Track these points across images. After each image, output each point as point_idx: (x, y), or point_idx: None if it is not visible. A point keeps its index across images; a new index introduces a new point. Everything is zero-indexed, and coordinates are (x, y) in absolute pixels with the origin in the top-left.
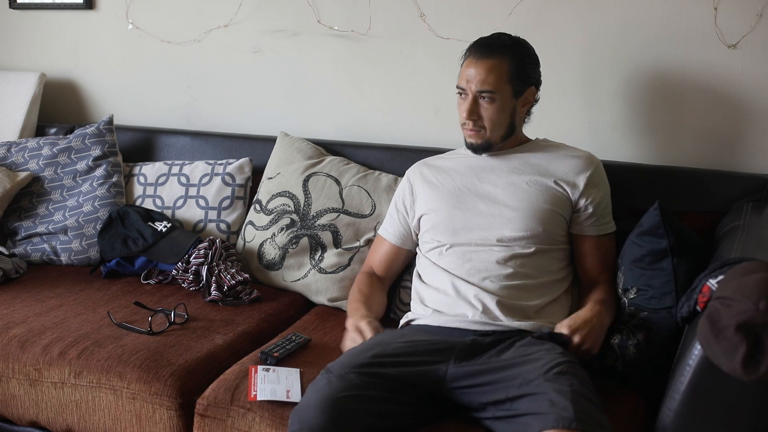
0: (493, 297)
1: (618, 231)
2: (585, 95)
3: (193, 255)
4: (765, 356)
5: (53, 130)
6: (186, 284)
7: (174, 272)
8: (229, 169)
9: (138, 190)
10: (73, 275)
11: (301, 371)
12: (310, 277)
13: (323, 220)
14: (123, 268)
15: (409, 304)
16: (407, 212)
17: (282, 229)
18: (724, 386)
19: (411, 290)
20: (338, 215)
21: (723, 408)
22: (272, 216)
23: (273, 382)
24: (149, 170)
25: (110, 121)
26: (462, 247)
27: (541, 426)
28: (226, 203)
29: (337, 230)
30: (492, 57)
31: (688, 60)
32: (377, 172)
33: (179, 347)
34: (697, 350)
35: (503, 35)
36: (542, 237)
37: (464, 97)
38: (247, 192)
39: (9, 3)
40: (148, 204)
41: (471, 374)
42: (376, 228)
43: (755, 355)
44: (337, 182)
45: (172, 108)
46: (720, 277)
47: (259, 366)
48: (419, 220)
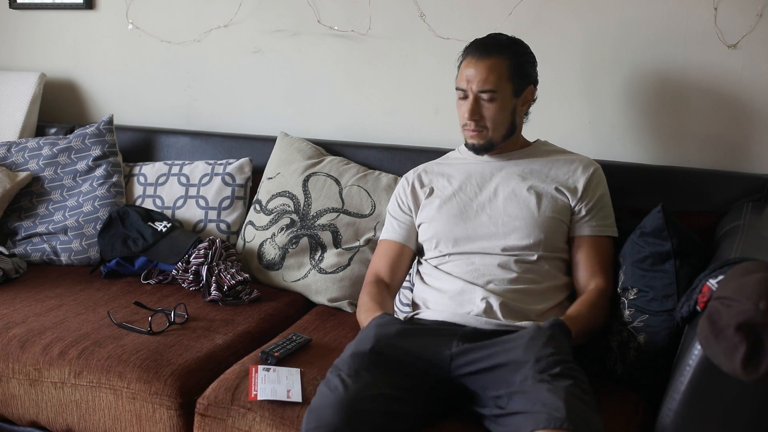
0: (497, 298)
1: (619, 231)
2: (585, 95)
3: (193, 255)
4: (765, 356)
5: (53, 130)
6: (186, 284)
7: (174, 272)
8: (229, 169)
9: (138, 190)
10: (73, 275)
11: (302, 371)
12: (310, 277)
13: (323, 220)
14: (123, 268)
15: (409, 305)
16: (412, 212)
17: (282, 229)
18: (724, 386)
19: (411, 292)
20: (338, 215)
21: (723, 408)
22: (272, 216)
23: (273, 382)
24: (149, 170)
25: (110, 121)
26: (465, 256)
27: (533, 426)
28: (226, 203)
29: (337, 230)
30: (491, 56)
31: (688, 60)
32: (377, 172)
33: (179, 347)
34: (697, 350)
35: (500, 35)
36: (545, 245)
37: (465, 98)
38: (247, 192)
39: (9, 3)
40: (148, 204)
41: (475, 351)
42: (377, 228)
43: (755, 355)
44: (337, 182)
45: (172, 108)
46: (720, 277)
47: (260, 366)
48: (419, 227)
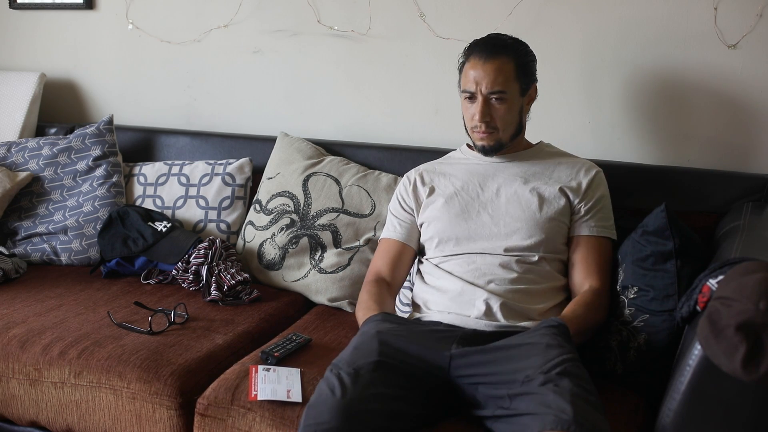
0: (498, 299)
1: (618, 230)
2: (585, 95)
3: (193, 255)
4: (765, 356)
5: (53, 130)
6: (186, 284)
7: (174, 272)
8: (229, 169)
9: (138, 190)
10: (73, 275)
11: (302, 371)
12: (310, 277)
13: (323, 220)
14: (123, 268)
15: (409, 305)
16: (413, 211)
17: (282, 229)
18: (724, 386)
19: (411, 293)
20: (338, 215)
21: (723, 408)
22: (272, 216)
23: (273, 382)
24: (149, 170)
25: (110, 121)
26: (466, 255)
27: (539, 427)
28: (226, 203)
29: (337, 230)
30: (498, 57)
31: (688, 60)
32: (377, 172)
33: (179, 347)
34: (697, 350)
35: (502, 35)
36: (546, 246)
37: (473, 100)
38: (247, 192)
39: (9, 3)
40: (148, 204)
41: (474, 355)
42: (377, 228)
43: (755, 355)
44: (337, 182)
45: (172, 108)
46: (720, 277)
47: (260, 366)
48: (420, 226)
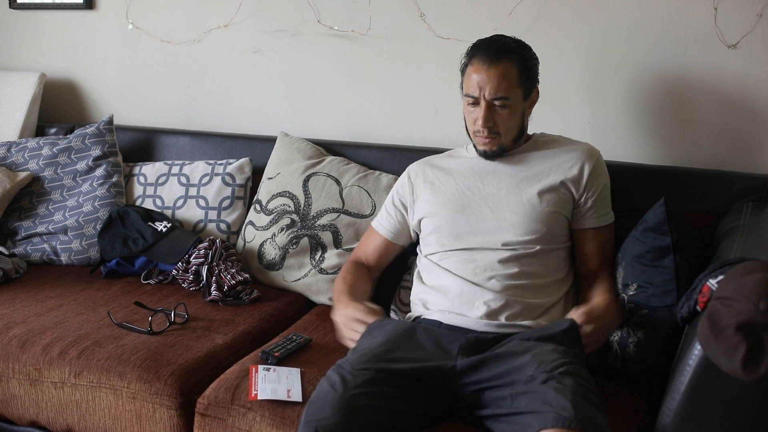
0: (499, 298)
1: (618, 230)
2: (585, 95)
3: (193, 255)
4: (765, 356)
5: (53, 130)
6: (186, 284)
7: (174, 272)
8: (229, 169)
9: (138, 190)
10: (73, 275)
11: (302, 371)
12: (311, 278)
13: (323, 221)
14: (123, 268)
15: (409, 305)
16: (406, 210)
17: (282, 230)
18: (724, 386)
19: (411, 291)
20: (338, 215)
21: (723, 408)
22: (272, 216)
23: (274, 382)
24: (149, 170)
25: (110, 121)
26: (466, 251)
27: (541, 425)
28: (226, 203)
29: (338, 230)
30: (501, 62)
31: (688, 60)
32: (377, 172)
33: (179, 347)
34: (697, 350)
35: (505, 38)
36: (547, 238)
37: (476, 105)
38: (248, 192)
39: (9, 3)
40: (148, 204)
41: (479, 366)
42: None
43: (755, 355)
44: (337, 182)
45: (172, 108)
46: (720, 277)
47: (260, 366)
48: (420, 222)
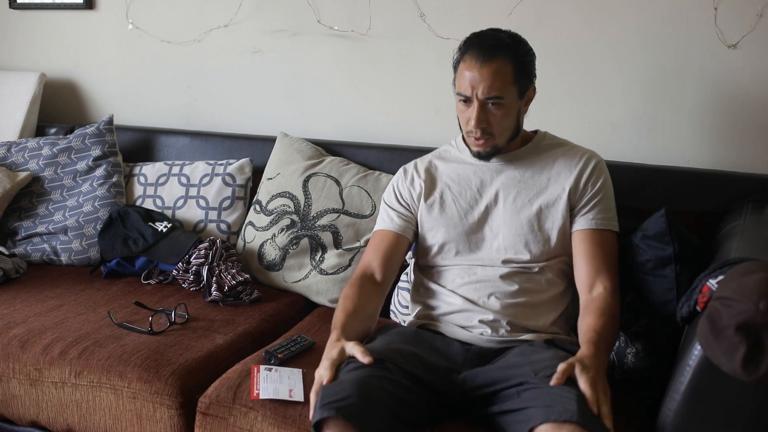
0: (498, 318)
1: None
2: (585, 95)
3: (194, 255)
4: (765, 356)
5: (53, 130)
6: (186, 284)
7: (174, 272)
8: (230, 170)
9: (138, 190)
10: (74, 275)
11: (304, 371)
12: (311, 278)
13: (323, 221)
14: (123, 269)
15: (408, 307)
16: (409, 205)
17: (282, 230)
18: (724, 386)
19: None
20: (338, 216)
21: (723, 408)
22: (272, 217)
23: (276, 382)
24: (149, 170)
25: (110, 121)
26: (467, 267)
27: (543, 418)
28: (227, 203)
29: (338, 231)
30: (495, 59)
31: (688, 60)
32: (377, 173)
33: (180, 347)
34: (697, 350)
35: (500, 33)
36: (547, 253)
37: (468, 104)
38: (248, 192)
39: (9, 3)
40: (149, 204)
41: (483, 373)
42: None
43: (755, 355)
44: (337, 183)
45: (172, 108)
46: (720, 278)
47: (262, 365)
48: (419, 229)
